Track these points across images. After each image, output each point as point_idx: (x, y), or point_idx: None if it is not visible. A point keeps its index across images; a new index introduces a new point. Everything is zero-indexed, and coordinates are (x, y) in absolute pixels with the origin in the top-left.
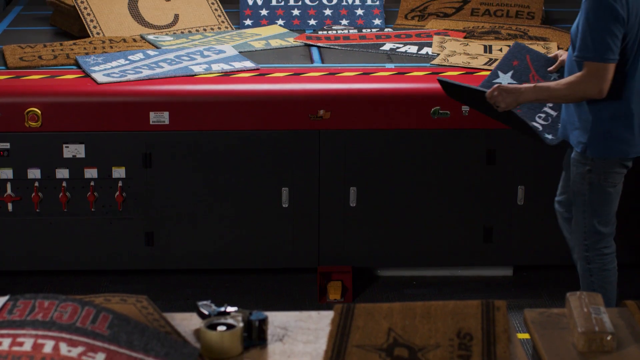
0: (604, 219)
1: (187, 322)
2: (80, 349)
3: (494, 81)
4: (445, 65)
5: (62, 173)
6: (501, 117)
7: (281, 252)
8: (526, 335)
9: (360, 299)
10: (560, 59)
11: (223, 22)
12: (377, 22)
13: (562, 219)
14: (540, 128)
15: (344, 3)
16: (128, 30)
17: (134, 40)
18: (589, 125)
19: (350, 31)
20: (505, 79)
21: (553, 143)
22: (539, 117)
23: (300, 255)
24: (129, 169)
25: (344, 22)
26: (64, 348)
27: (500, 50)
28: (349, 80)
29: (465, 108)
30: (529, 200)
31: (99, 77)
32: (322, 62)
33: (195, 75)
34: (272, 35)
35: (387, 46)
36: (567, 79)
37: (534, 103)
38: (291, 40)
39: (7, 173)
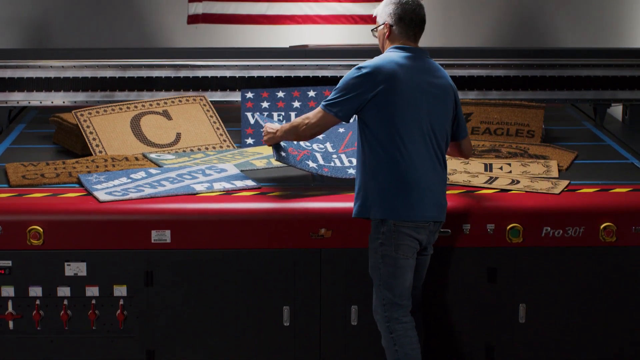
0: (398, 292)
1: None
2: None
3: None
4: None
5: (64, 291)
6: None
7: None
8: None
9: None
10: None
11: (225, 140)
12: None
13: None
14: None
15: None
16: (130, 149)
17: (136, 158)
18: (370, 189)
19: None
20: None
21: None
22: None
23: None
24: (130, 287)
25: None
26: None
27: (501, 168)
28: (350, 199)
29: (465, 226)
30: (530, 319)
31: (101, 196)
32: (324, 180)
33: (197, 193)
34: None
35: None
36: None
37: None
38: None
39: (9, 291)
